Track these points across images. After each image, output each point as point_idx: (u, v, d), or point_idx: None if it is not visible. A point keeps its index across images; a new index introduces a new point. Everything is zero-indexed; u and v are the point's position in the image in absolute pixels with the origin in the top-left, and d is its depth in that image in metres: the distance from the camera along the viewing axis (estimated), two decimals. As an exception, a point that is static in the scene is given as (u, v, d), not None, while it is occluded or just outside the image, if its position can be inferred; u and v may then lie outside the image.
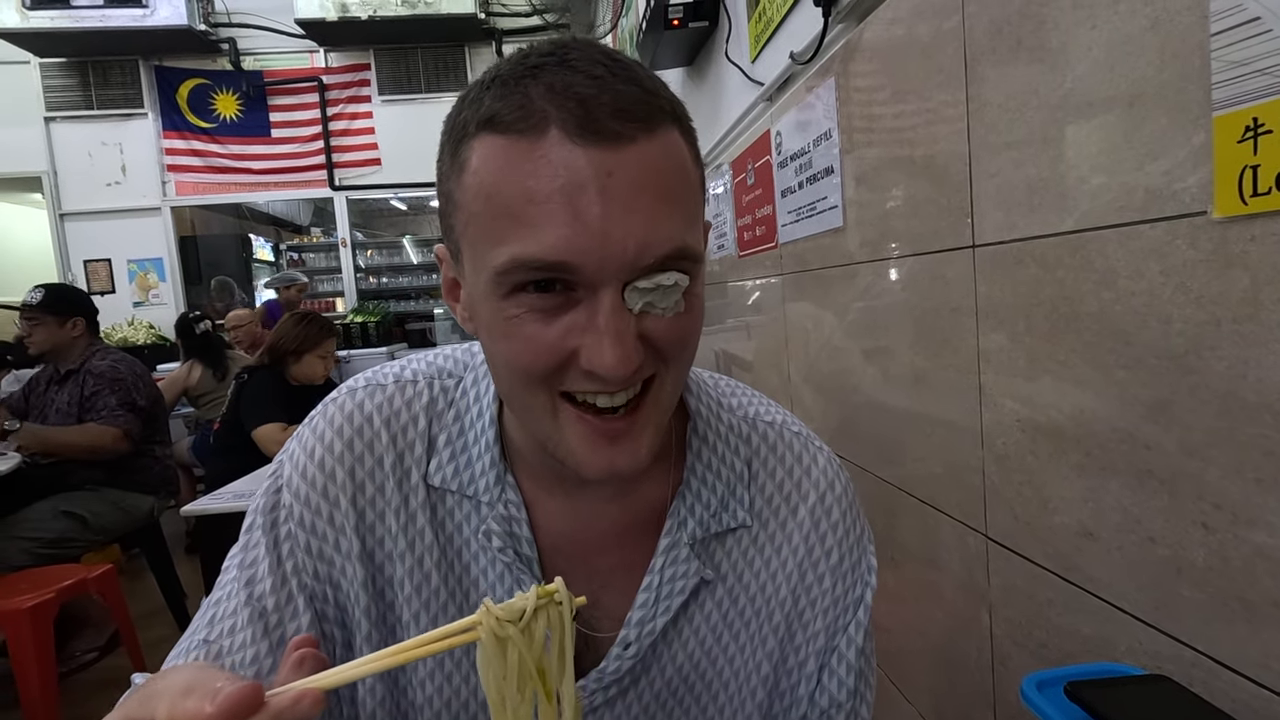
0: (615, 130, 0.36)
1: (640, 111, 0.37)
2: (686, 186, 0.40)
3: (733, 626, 0.52)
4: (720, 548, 0.52)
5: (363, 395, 0.50)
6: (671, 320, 0.39)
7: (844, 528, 0.53)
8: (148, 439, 2.54)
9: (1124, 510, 0.60)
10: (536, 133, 0.36)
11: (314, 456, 0.49)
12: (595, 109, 0.35)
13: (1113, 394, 0.60)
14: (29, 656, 1.90)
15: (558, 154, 0.35)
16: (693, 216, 0.40)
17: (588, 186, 0.35)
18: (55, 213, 5.05)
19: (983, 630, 0.84)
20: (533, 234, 0.36)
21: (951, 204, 0.81)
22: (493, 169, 0.37)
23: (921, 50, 0.85)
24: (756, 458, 0.53)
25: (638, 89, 0.37)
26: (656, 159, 0.37)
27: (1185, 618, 0.55)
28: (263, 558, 0.48)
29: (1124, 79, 0.56)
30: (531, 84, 0.36)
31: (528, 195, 0.36)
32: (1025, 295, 0.70)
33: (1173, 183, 0.52)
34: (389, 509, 0.49)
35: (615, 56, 0.38)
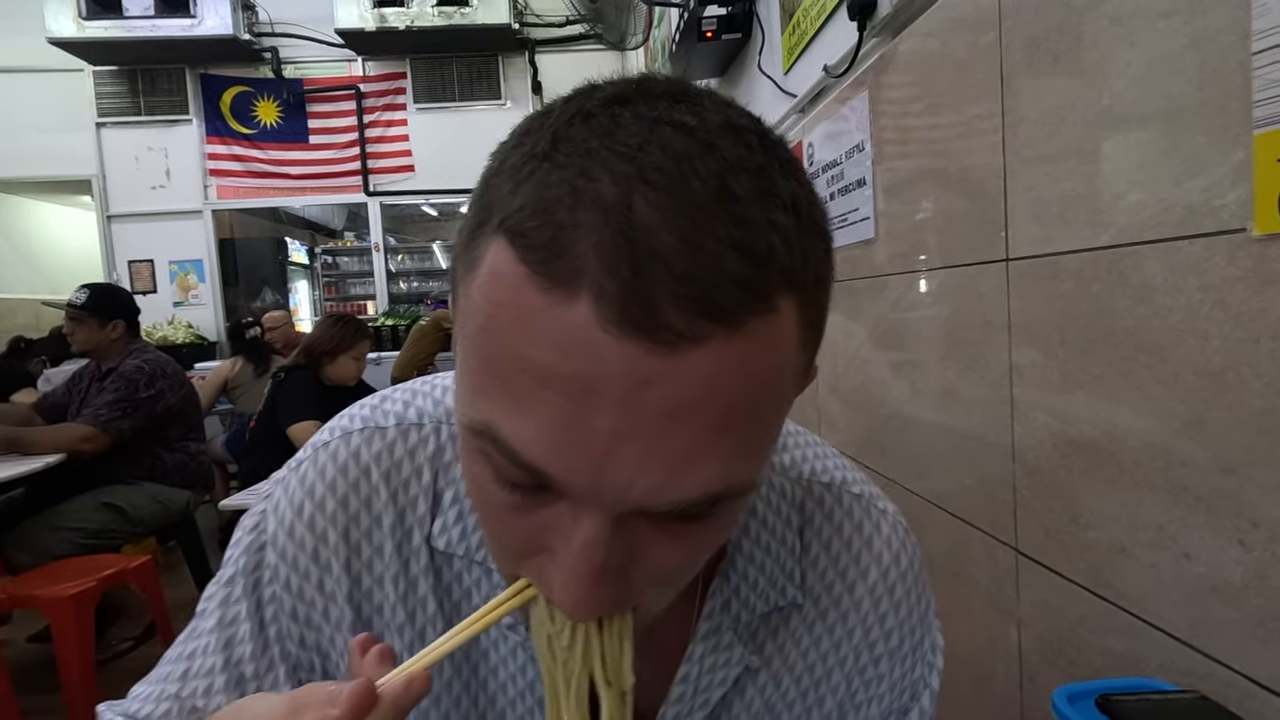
0: (676, 328, 0.23)
1: (729, 300, 0.24)
2: (770, 398, 0.28)
3: (777, 715, 0.47)
4: (765, 629, 0.46)
5: (359, 442, 0.43)
6: (679, 550, 0.30)
7: (907, 606, 0.47)
8: (182, 436, 2.62)
9: (1158, 527, 0.59)
10: (561, 289, 0.24)
11: (302, 514, 0.43)
12: (655, 288, 0.23)
13: (1147, 409, 0.60)
14: (71, 641, 1.97)
15: (581, 335, 0.24)
16: (763, 437, 0.29)
17: (607, 394, 0.24)
18: (103, 214, 5.23)
19: (1011, 646, 0.83)
20: (516, 413, 0.26)
21: (985, 217, 0.81)
22: (498, 299, 0.26)
23: (957, 65, 0.85)
24: (810, 526, 0.46)
25: (740, 255, 0.24)
26: (728, 371, 0.25)
27: (1221, 636, 0.54)
28: (244, 619, 0.43)
29: (1163, 96, 0.56)
30: (582, 204, 0.24)
31: (523, 364, 0.26)
32: (1059, 309, 0.70)
33: (1211, 199, 0.52)
34: (387, 575, 0.43)
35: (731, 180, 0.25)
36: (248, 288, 5.94)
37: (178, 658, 0.45)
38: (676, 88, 0.28)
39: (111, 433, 2.38)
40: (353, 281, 6.25)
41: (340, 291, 6.25)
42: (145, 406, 2.47)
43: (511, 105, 5.30)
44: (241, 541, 0.45)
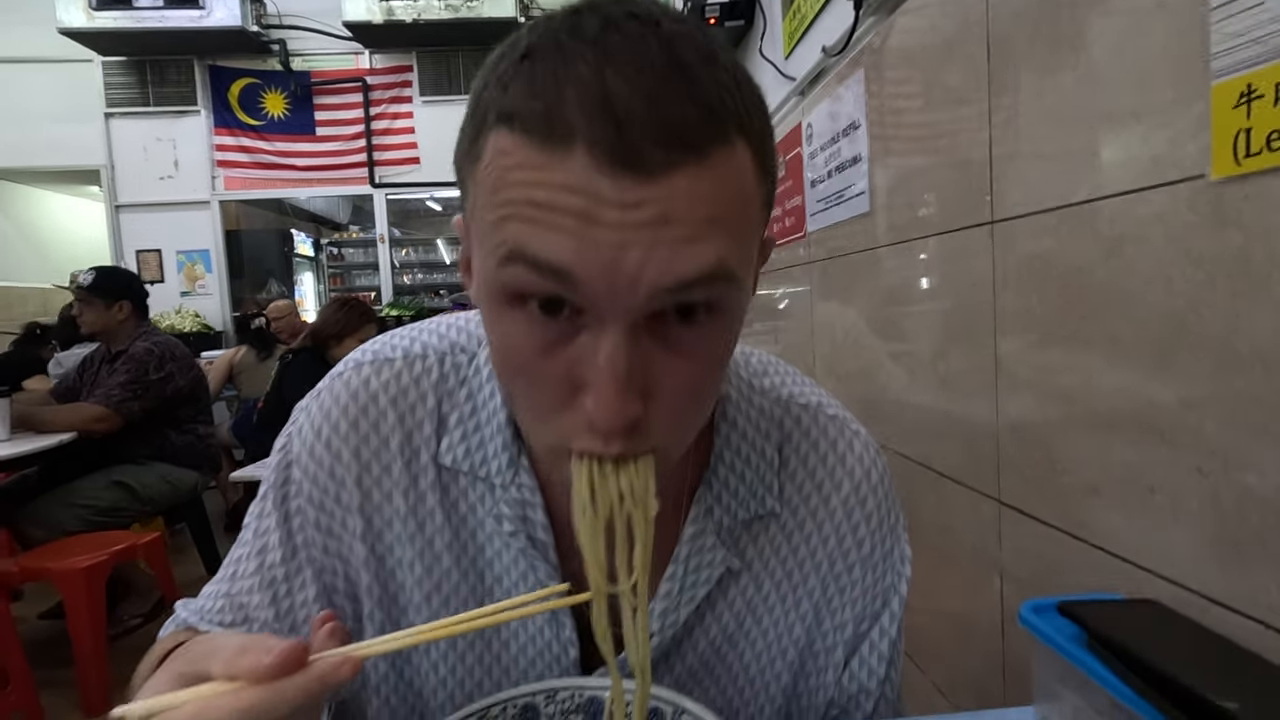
0: (657, 159, 0.30)
1: (695, 136, 0.30)
2: (740, 206, 0.33)
3: (758, 615, 0.51)
4: (747, 535, 0.50)
5: (369, 371, 0.48)
6: (692, 360, 0.35)
7: (878, 517, 0.52)
8: (191, 419, 2.67)
9: (1127, 465, 0.63)
10: (560, 148, 0.30)
11: (320, 435, 0.48)
12: (633, 131, 0.29)
13: (1118, 355, 0.63)
14: (83, 614, 2.01)
15: (580, 179, 0.30)
16: (741, 234, 0.34)
17: (607, 214, 0.30)
18: (111, 204, 5.28)
19: (994, 594, 0.87)
20: (539, 234, 0.31)
21: (972, 184, 0.85)
22: (505, 168, 0.32)
23: (946, 40, 0.89)
24: (788, 443, 0.51)
25: (695, 106, 0.30)
26: (703, 188, 0.31)
27: (1181, 561, 0.58)
28: (274, 529, 0.49)
29: (1132, 57, 0.60)
30: (565, 81, 0.30)
31: (536, 202, 0.31)
32: (1040, 267, 0.74)
33: (1175, 150, 0.56)
34: (397, 490, 0.48)
35: (677, 48, 0.31)
36: (253, 279, 5.98)
37: (228, 562, 0.51)
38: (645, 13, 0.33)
39: (123, 413, 2.43)
40: (358, 273, 6.29)
41: (345, 283, 6.29)
42: (155, 388, 2.52)
43: (516, 98, 5.34)
44: (272, 461, 0.50)
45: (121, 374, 2.49)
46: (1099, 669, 0.46)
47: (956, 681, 1.00)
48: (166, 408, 2.59)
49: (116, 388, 2.45)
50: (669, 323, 0.33)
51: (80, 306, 2.55)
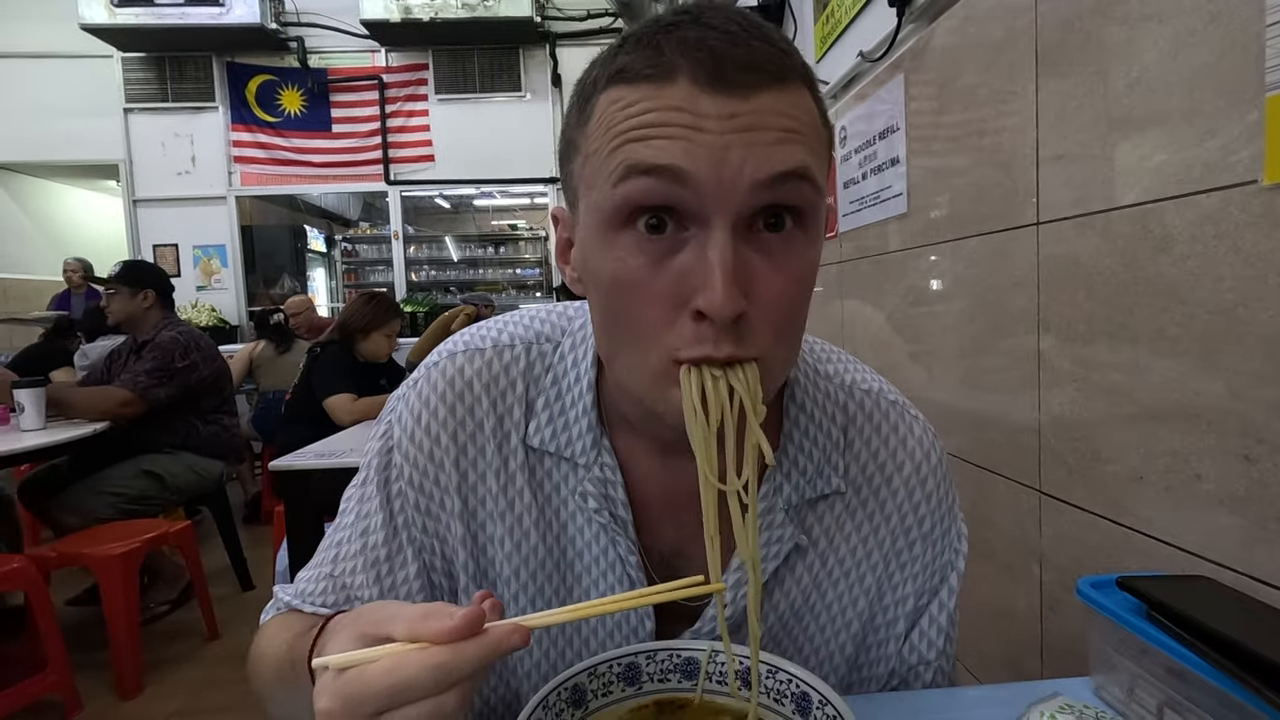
0: (745, 82, 0.36)
1: (771, 67, 0.37)
2: (812, 129, 0.39)
3: (823, 590, 0.53)
4: (813, 513, 0.53)
5: (462, 360, 0.52)
6: (787, 266, 0.39)
7: (937, 497, 0.55)
8: (216, 409, 2.71)
9: (1173, 453, 0.67)
10: (666, 80, 0.37)
11: (420, 421, 0.51)
12: (726, 61, 0.36)
13: (1165, 348, 0.67)
14: (118, 599, 2.05)
15: (684, 98, 0.36)
16: (815, 151, 0.39)
17: (709, 124, 0.36)
18: (129, 199, 5.33)
19: (1034, 581, 0.90)
20: (647, 144, 0.37)
21: (1018, 186, 0.88)
22: (619, 109, 0.38)
23: (993, 46, 0.93)
24: (853, 425, 0.54)
25: (771, 47, 0.38)
26: (785, 108, 0.37)
27: (1227, 544, 0.62)
28: (377, 511, 0.52)
29: (1185, 66, 0.63)
30: (664, 38, 0.37)
31: (648, 124, 0.37)
32: (1086, 264, 0.77)
33: (1228, 156, 0.59)
34: (489, 470, 0.51)
35: (751, 18, 0.39)
36: (266, 274, 6.03)
37: (328, 545, 0.54)
38: (724, 4, 0.41)
39: (149, 399, 2.47)
40: (370, 269, 6.34)
41: (358, 279, 6.34)
42: (180, 376, 2.57)
43: (531, 98, 5.38)
44: (373, 448, 0.53)
45: (148, 361, 2.54)
46: (1162, 637, 0.49)
47: (991, 663, 1.03)
48: (191, 396, 2.64)
49: (143, 374, 2.50)
50: (762, 233, 0.39)
51: (108, 298, 2.61)
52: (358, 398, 2.38)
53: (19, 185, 5.40)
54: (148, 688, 2.16)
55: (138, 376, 2.49)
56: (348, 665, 0.34)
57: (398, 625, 0.34)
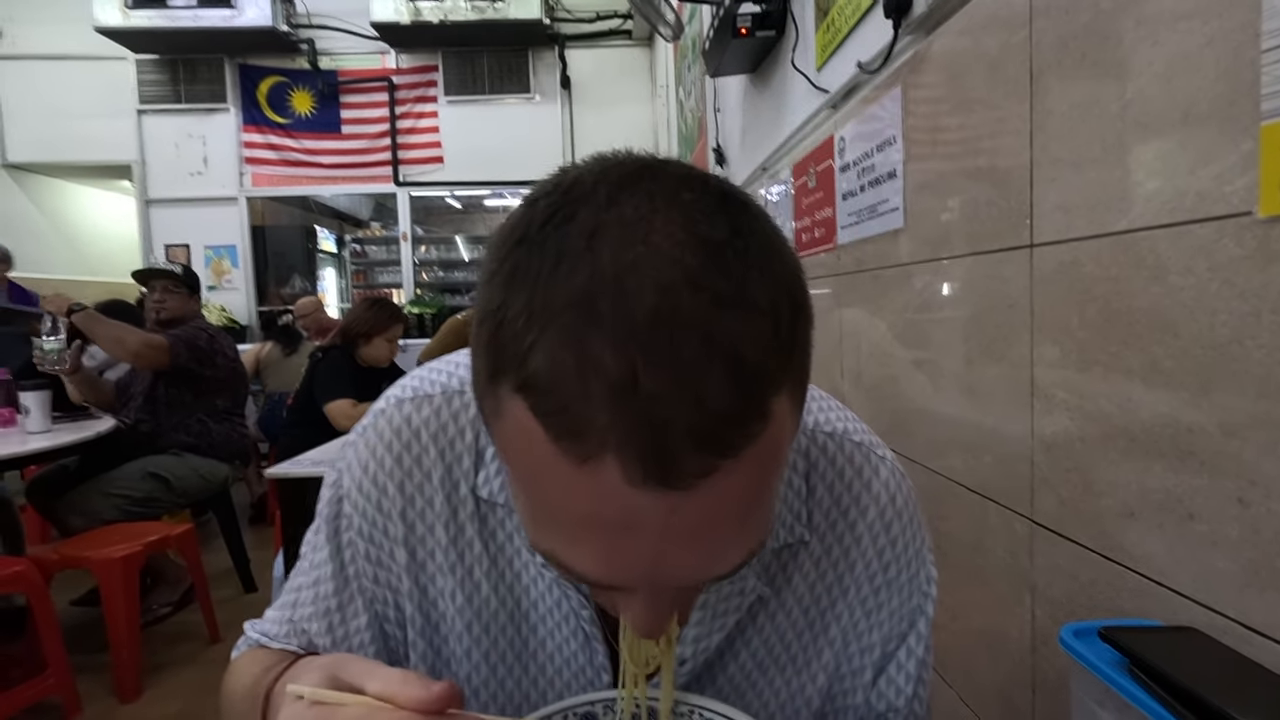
0: (691, 472, 0.28)
1: (731, 438, 0.28)
2: (774, 474, 0.33)
3: (787, 642, 0.52)
4: (777, 563, 0.51)
5: (410, 408, 0.50)
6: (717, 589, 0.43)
7: (903, 542, 0.53)
8: (229, 410, 2.74)
9: (1166, 490, 0.64)
10: (592, 460, 0.28)
11: (368, 471, 0.50)
12: (672, 440, 0.27)
13: (1159, 382, 0.64)
14: (119, 601, 2.07)
15: (614, 491, 0.28)
16: (771, 502, 0.35)
17: (644, 527, 0.29)
18: (142, 199, 5.39)
19: (1025, 612, 0.88)
20: (573, 549, 0.32)
21: (1011, 206, 0.86)
22: (532, 462, 0.30)
23: (989, 62, 0.90)
24: (814, 471, 0.51)
25: (736, 395, 0.27)
26: (739, 483, 0.29)
27: (1219, 588, 0.59)
28: (327, 561, 0.52)
29: (1180, 91, 0.61)
30: (590, 376, 0.27)
31: (568, 513, 0.31)
32: (1079, 291, 0.75)
33: (1222, 186, 0.57)
34: (438, 522, 0.50)
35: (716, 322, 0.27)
36: (277, 274, 6.07)
37: (289, 589, 0.55)
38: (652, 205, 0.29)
39: (172, 350, 2.52)
40: (380, 270, 6.36)
41: (368, 279, 6.37)
42: (200, 355, 2.60)
43: (540, 99, 5.38)
44: (324, 496, 0.53)
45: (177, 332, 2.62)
46: (1142, 696, 0.47)
47: (985, 698, 1.01)
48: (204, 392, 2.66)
49: (173, 335, 2.59)
50: None
51: (165, 295, 2.68)
52: (358, 403, 2.39)
53: (35, 185, 5.47)
54: (148, 690, 2.17)
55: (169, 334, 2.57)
56: (320, 701, 0.35)
57: (373, 681, 0.35)
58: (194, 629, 2.54)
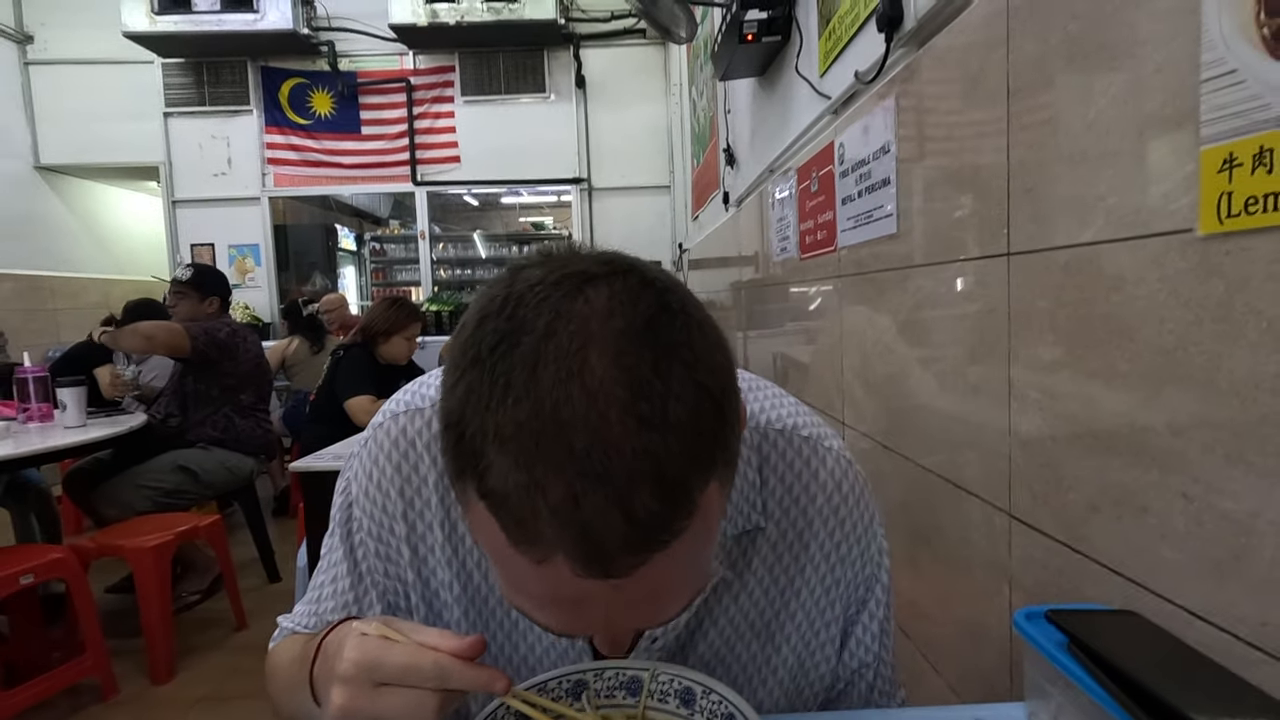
0: (629, 565, 0.34)
1: (664, 536, 0.34)
2: (710, 538, 0.39)
3: (751, 620, 0.58)
4: (737, 549, 0.57)
5: (404, 421, 0.56)
6: None
7: (851, 522, 0.59)
8: (254, 406, 2.83)
9: (1123, 486, 0.69)
10: (546, 561, 0.34)
11: (372, 478, 0.57)
12: (609, 547, 0.33)
13: (1117, 384, 0.69)
14: (152, 588, 2.17)
15: (564, 580, 0.35)
16: (706, 555, 0.40)
17: (594, 602, 0.36)
18: (168, 200, 5.53)
19: (1003, 601, 0.93)
20: (538, 613, 0.39)
21: (991, 215, 0.90)
22: (497, 548, 0.36)
23: (971, 77, 0.94)
24: (767, 464, 0.57)
25: (662, 502, 0.33)
26: (676, 561, 0.36)
27: (1167, 577, 0.64)
28: (341, 561, 0.59)
29: (1135, 113, 0.65)
30: (538, 497, 0.32)
31: (530, 590, 0.38)
32: (1050, 298, 0.79)
33: (1169, 204, 0.61)
34: (435, 522, 0.56)
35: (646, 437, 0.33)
36: (299, 272, 6.19)
37: (313, 587, 0.62)
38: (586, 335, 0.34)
39: (191, 336, 2.60)
40: (399, 268, 6.47)
41: (386, 277, 6.48)
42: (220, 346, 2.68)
43: (555, 99, 5.43)
44: (336, 503, 0.60)
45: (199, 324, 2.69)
46: (1078, 672, 0.52)
47: (969, 681, 1.05)
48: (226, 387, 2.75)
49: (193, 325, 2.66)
50: None
51: (175, 299, 2.77)
52: (377, 399, 2.47)
53: (66, 187, 5.63)
54: (179, 674, 2.28)
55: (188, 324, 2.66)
56: (380, 633, 0.42)
57: (417, 634, 0.42)
58: (222, 616, 2.65)
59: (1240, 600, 0.56)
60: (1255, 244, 0.53)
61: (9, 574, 1.84)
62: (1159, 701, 0.46)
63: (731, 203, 2.96)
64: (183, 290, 2.75)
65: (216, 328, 2.71)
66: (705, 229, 3.88)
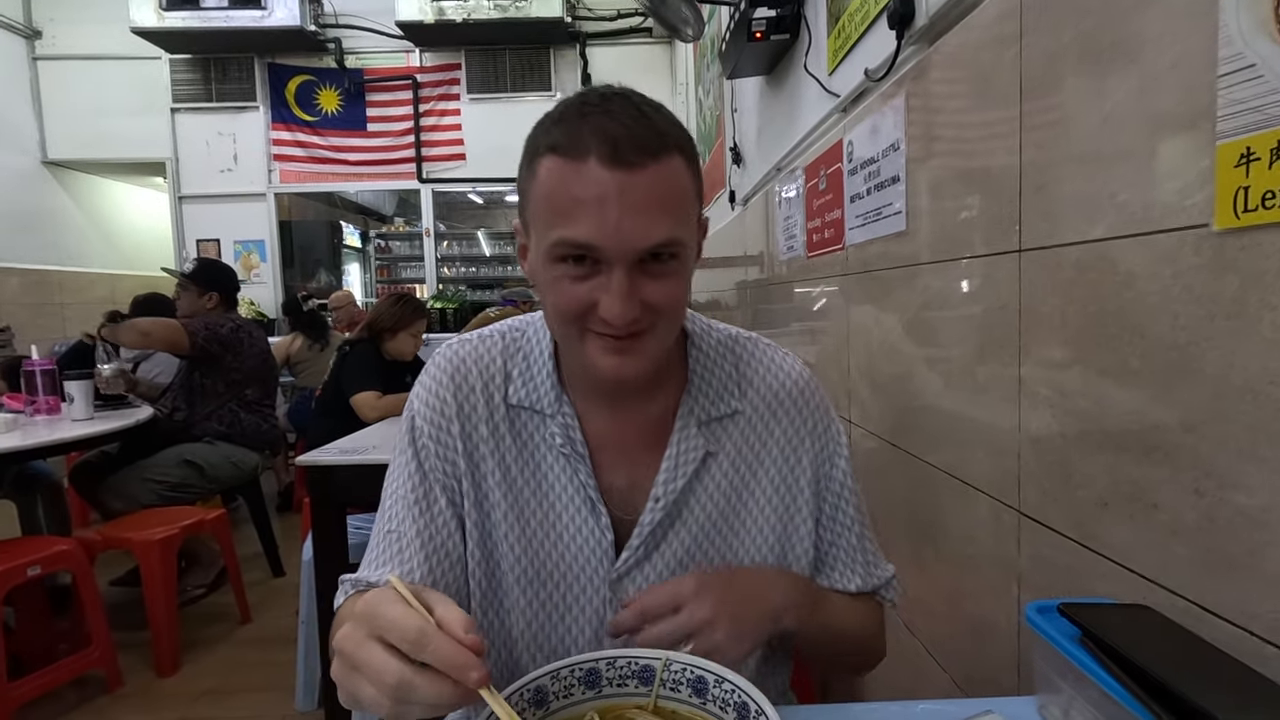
0: (632, 160, 0.55)
1: (652, 147, 0.56)
2: (683, 197, 0.60)
3: (738, 490, 0.72)
4: (721, 429, 0.72)
5: (457, 346, 0.74)
6: (665, 286, 0.60)
7: (810, 403, 0.76)
8: (259, 401, 2.84)
9: (1133, 482, 0.69)
10: (583, 158, 0.55)
11: (433, 392, 0.72)
12: (621, 144, 0.55)
13: (1129, 380, 0.69)
14: (158, 581, 2.18)
15: (594, 174, 0.55)
16: (685, 217, 0.60)
17: (611, 198, 0.55)
18: (175, 195, 5.54)
19: (1012, 599, 0.93)
20: (574, 224, 0.56)
21: (1002, 212, 0.90)
22: (553, 179, 0.57)
23: (983, 75, 0.94)
24: (741, 361, 0.75)
25: (653, 132, 0.56)
26: (661, 180, 0.57)
27: (1179, 572, 0.64)
28: (409, 462, 0.71)
29: (1150, 109, 0.65)
30: (583, 124, 0.56)
31: (573, 198, 0.56)
32: (1061, 294, 0.79)
33: (1184, 199, 0.61)
34: (481, 422, 0.71)
35: (643, 107, 0.58)
36: (303, 269, 6.20)
37: (381, 512, 0.71)
38: (625, 94, 0.60)
39: (190, 332, 2.61)
40: (404, 265, 6.48)
41: (391, 274, 6.49)
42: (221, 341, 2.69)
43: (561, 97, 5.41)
44: (402, 423, 0.74)
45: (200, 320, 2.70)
46: (1091, 664, 0.52)
47: (975, 678, 1.05)
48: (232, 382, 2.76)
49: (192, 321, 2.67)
50: (650, 265, 0.59)
51: (178, 291, 2.79)
52: (383, 395, 2.47)
53: (73, 182, 5.65)
54: (184, 666, 2.29)
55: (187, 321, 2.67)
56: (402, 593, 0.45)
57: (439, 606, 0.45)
58: (226, 610, 2.66)
59: (1254, 595, 0.56)
60: (1271, 239, 0.53)
61: (16, 565, 1.85)
62: (1174, 695, 0.46)
63: (737, 202, 2.96)
64: (183, 283, 2.78)
65: (219, 323, 2.72)
66: (711, 227, 3.88)
